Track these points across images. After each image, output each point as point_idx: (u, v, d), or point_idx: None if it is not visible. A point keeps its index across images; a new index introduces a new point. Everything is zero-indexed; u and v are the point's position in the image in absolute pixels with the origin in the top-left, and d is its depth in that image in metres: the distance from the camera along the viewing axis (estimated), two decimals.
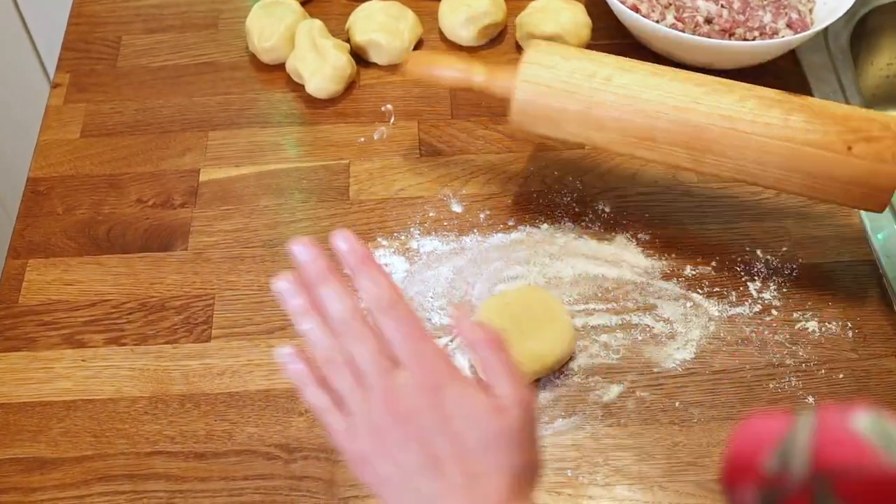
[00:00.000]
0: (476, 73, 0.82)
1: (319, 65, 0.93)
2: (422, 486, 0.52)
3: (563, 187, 0.88)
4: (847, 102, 0.93)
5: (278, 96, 0.96)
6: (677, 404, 0.74)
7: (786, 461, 0.41)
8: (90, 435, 0.73)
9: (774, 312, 0.79)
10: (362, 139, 0.92)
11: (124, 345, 0.78)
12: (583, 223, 0.85)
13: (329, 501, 0.69)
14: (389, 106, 0.95)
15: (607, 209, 0.86)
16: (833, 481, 0.39)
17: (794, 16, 0.94)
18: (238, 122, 0.94)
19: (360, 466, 0.54)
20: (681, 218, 0.86)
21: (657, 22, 0.92)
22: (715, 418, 0.73)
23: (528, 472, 0.54)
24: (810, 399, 0.74)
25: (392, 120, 0.94)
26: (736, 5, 0.94)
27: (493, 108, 0.95)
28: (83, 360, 0.77)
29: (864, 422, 0.40)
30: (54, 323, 0.79)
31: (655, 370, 0.76)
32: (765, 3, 0.95)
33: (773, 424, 0.43)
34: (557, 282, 0.81)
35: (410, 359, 0.53)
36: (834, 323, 0.78)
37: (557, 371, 0.75)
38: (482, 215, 0.86)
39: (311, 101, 0.95)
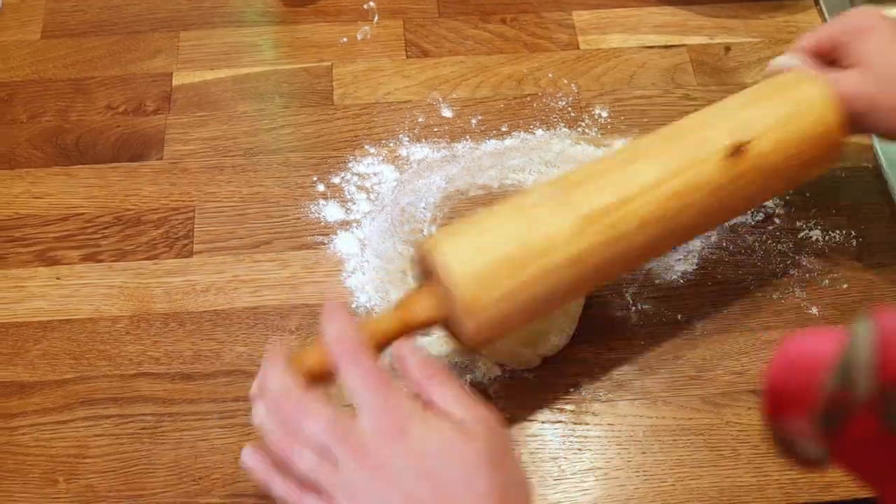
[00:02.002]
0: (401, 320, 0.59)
1: None
2: None
3: (558, 90, 0.84)
4: None
5: None
6: (679, 317, 0.72)
7: (847, 377, 0.37)
8: (70, 357, 0.69)
9: (777, 221, 0.77)
10: (345, 39, 0.87)
11: (101, 261, 0.74)
12: (579, 128, 0.81)
13: None
14: (372, 3, 0.89)
15: (604, 114, 0.82)
16: None
17: None
18: (211, 22, 0.88)
19: None
20: None
21: None
22: (718, 331, 0.71)
23: (515, 490, 0.51)
24: (814, 310, 0.72)
25: (376, 18, 0.88)
26: None
27: (482, 5, 0.90)
28: (58, 279, 0.73)
29: None
30: (24, 239, 0.75)
31: (657, 282, 0.73)
32: None
33: (820, 343, 0.40)
34: None
35: (369, 405, 0.50)
36: (838, 232, 0.76)
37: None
38: (474, 121, 0.82)
39: None
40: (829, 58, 0.65)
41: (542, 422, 0.67)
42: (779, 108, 0.65)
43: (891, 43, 0.60)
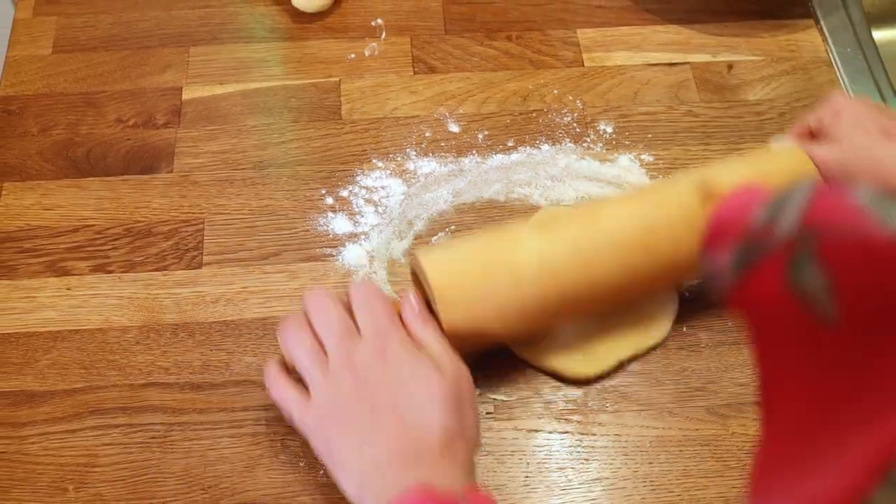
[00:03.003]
0: None
1: None
2: (363, 435, 0.57)
3: (564, 106, 0.85)
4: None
5: (262, 9, 0.91)
6: (685, 329, 0.72)
7: (775, 214, 0.38)
8: (79, 367, 0.70)
9: None
10: (352, 55, 0.88)
11: (111, 272, 0.74)
12: (584, 144, 0.82)
13: None
14: (380, 20, 0.91)
15: (609, 129, 0.83)
16: (819, 239, 0.36)
17: None
18: (220, 37, 0.89)
19: (314, 434, 0.59)
20: (684, 138, 0.83)
21: None
22: (723, 343, 0.72)
23: (465, 433, 0.58)
24: None
25: (383, 35, 0.90)
26: None
27: (488, 22, 0.91)
28: (68, 289, 0.73)
29: (865, 193, 0.37)
30: (35, 250, 0.75)
31: None
32: None
33: (767, 188, 0.40)
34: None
35: (366, 324, 0.61)
36: None
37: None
38: (480, 135, 0.83)
39: (298, 15, 0.90)
40: (815, 139, 0.74)
41: (549, 432, 0.67)
42: (757, 163, 0.72)
43: (855, 121, 0.70)
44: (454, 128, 0.83)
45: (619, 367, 0.70)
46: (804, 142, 0.73)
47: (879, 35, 0.95)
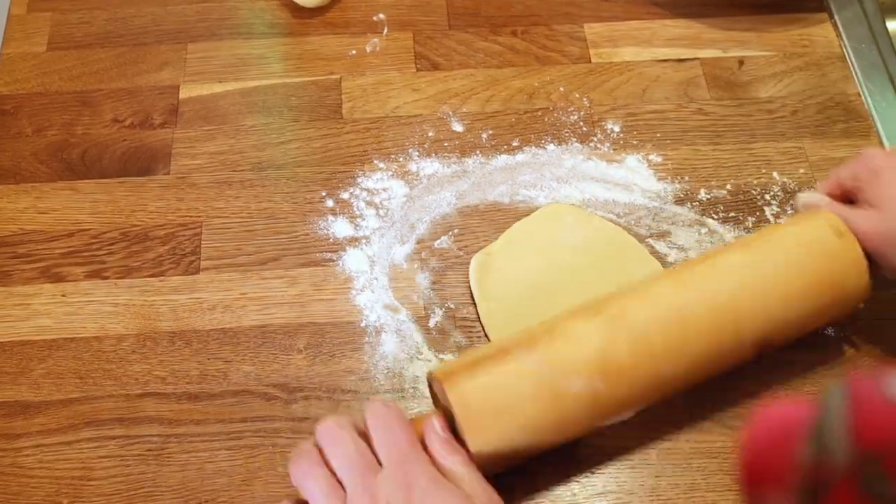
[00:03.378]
0: None
1: None
2: None
3: (570, 105, 0.83)
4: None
5: (261, 4, 0.89)
6: None
7: (823, 446, 0.36)
8: (75, 376, 0.68)
9: None
10: (353, 52, 0.86)
11: (106, 278, 0.73)
12: (591, 143, 0.80)
13: None
14: (382, 15, 0.88)
15: (616, 128, 0.81)
16: (881, 458, 0.34)
17: None
18: (219, 34, 0.87)
19: None
20: (693, 138, 0.81)
21: None
22: None
23: None
24: (830, 331, 0.70)
25: (385, 31, 0.87)
26: None
27: (493, 17, 0.89)
28: (63, 296, 0.72)
29: None
30: (29, 255, 0.74)
31: None
32: None
33: (795, 410, 0.38)
34: None
35: (388, 456, 0.54)
36: None
37: None
38: (485, 135, 0.81)
39: (297, 11, 0.88)
40: (849, 196, 0.67)
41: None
42: (796, 247, 0.65)
43: None
44: (458, 127, 0.81)
45: None
46: (838, 205, 0.67)
47: (894, 27, 0.92)
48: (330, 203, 0.77)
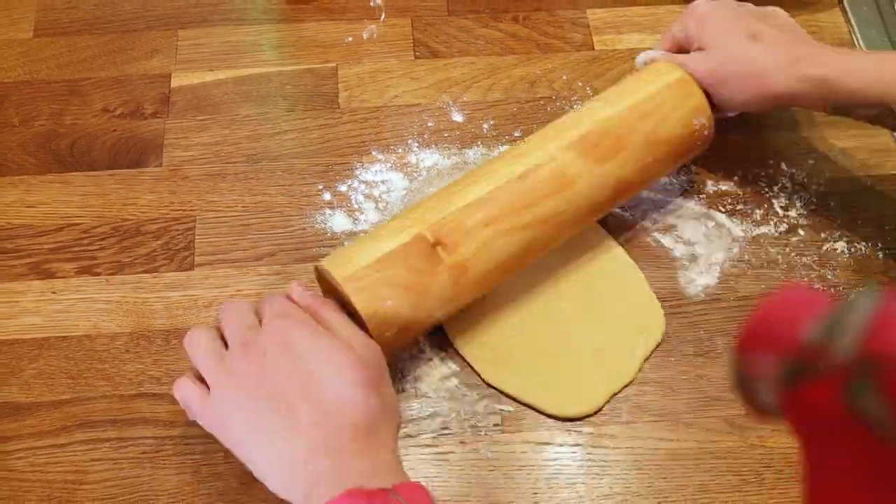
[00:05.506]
0: None
1: None
2: (274, 429, 0.53)
3: (573, 93, 0.81)
4: None
5: None
6: (701, 333, 0.69)
7: (832, 334, 0.35)
8: (66, 377, 0.66)
9: (801, 232, 0.74)
10: (350, 39, 0.84)
11: (98, 274, 0.71)
12: None
13: None
14: (379, 0, 0.86)
15: None
16: (880, 369, 0.33)
17: None
18: (211, 20, 0.84)
19: (216, 429, 0.57)
20: None
21: None
22: None
23: (385, 411, 0.55)
24: None
25: (382, 17, 0.85)
26: None
27: (493, 2, 0.86)
28: (53, 293, 0.70)
29: None
30: (17, 250, 0.72)
31: (678, 296, 0.71)
32: None
33: (822, 296, 0.37)
34: None
35: (266, 313, 0.58)
36: (863, 244, 0.74)
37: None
38: (486, 125, 0.79)
39: None
40: (683, 50, 0.73)
41: (560, 445, 0.64)
42: (634, 93, 0.69)
43: (721, 26, 0.69)
44: (458, 117, 0.79)
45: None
46: (672, 55, 0.72)
47: None
48: (327, 196, 0.74)
